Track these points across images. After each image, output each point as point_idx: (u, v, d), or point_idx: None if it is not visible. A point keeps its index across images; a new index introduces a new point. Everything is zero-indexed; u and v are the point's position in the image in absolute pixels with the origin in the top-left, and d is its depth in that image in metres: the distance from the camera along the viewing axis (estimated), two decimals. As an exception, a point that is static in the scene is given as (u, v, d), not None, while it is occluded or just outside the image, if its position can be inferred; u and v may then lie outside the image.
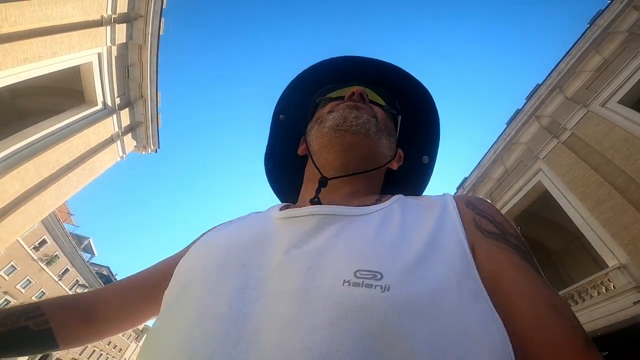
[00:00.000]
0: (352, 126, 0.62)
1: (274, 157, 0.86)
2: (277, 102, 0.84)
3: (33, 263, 25.72)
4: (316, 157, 0.67)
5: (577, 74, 11.35)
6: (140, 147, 14.59)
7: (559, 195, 11.53)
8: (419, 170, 0.83)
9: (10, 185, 9.43)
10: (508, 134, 13.33)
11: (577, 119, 10.99)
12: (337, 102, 0.71)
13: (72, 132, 11.09)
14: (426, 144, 0.82)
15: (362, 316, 0.33)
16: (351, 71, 0.81)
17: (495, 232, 0.47)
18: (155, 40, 12.17)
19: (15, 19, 7.99)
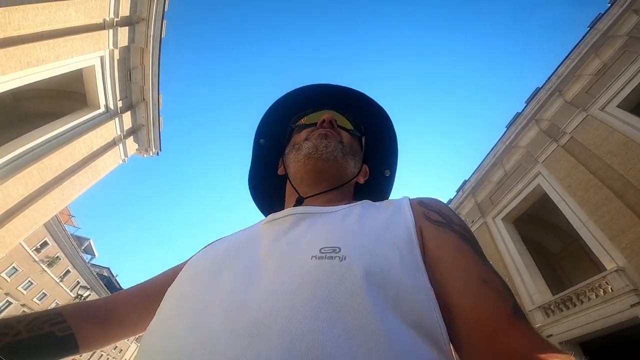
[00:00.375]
0: (322, 154, 0.73)
1: (257, 177, 0.97)
2: (257, 128, 0.95)
3: (35, 265, 25.79)
4: (293, 178, 0.79)
5: (576, 77, 11.48)
6: (142, 150, 14.65)
7: (557, 198, 11.64)
8: (382, 182, 0.96)
9: (14, 189, 9.48)
10: (508, 137, 13.45)
11: (577, 123, 11.11)
12: (311, 128, 0.82)
13: (74, 136, 11.13)
14: (387, 160, 0.95)
15: (327, 279, 0.42)
16: (322, 98, 0.93)
17: (441, 221, 0.55)
18: (157, 43, 12.23)
19: (18, 22, 8.06)
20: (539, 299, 11.09)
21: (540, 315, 10.83)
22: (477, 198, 15.33)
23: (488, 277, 0.45)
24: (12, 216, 9.73)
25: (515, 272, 12.23)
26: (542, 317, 10.75)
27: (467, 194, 15.68)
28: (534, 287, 11.46)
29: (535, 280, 11.66)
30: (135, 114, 13.54)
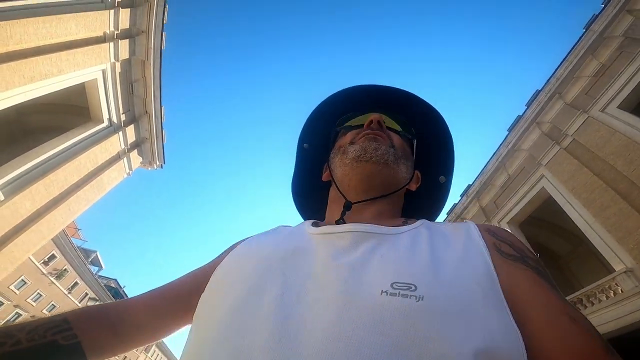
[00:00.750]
0: (372, 157, 0.68)
1: (300, 182, 0.93)
2: (301, 131, 0.92)
3: (43, 277, 26.36)
4: (340, 183, 0.73)
5: (575, 79, 11.55)
6: (146, 163, 14.83)
7: (563, 201, 11.65)
8: (436, 190, 0.89)
9: (21, 205, 9.64)
10: (510, 140, 13.51)
11: (578, 124, 11.16)
12: (357, 130, 0.78)
13: (79, 151, 11.32)
14: (442, 165, 0.88)
15: (399, 321, 0.37)
16: (367, 99, 0.88)
17: (515, 255, 0.51)
18: (157, 55, 12.46)
19: (20, 36, 8.21)
20: None
21: None
22: (481, 202, 15.35)
23: (575, 316, 0.41)
24: (20, 231, 9.88)
25: None
26: None
27: (472, 198, 15.70)
28: None
29: None
30: (139, 127, 13.74)
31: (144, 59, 12.22)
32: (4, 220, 9.24)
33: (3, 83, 8.11)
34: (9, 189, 9.31)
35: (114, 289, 43.63)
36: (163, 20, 11.98)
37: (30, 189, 9.77)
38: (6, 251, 9.46)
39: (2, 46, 7.90)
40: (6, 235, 9.48)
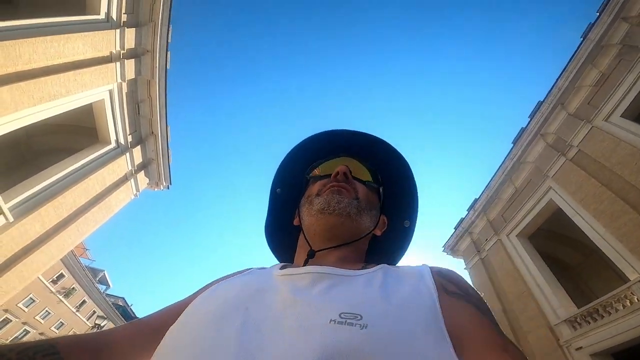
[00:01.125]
0: (334, 210, 0.73)
1: (273, 226, 0.97)
2: (274, 176, 0.97)
3: (51, 295, 26.95)
4: (307, 231, 0.78)
5: (576, 89, 11.68)
6: (153, 184, 15.01)
7: (572, 212, 11.64)
8: (401, 233, 0.93)
9: (31, 227, 9.77)
10: (515, 153, 13.59)
11: (582, 135, 11.25)
12: (325, 180, 0.82)
13: (87, 173, 11.49)
14: (407, 210, 0.93)
15: (344, 347, 0.41)
16: (337, 146, 0.94)
17: (459, 293, 0.56)
18: (162, 75, 12.75)
19: (29, 56, 8.40)
20: (563, 313, 10.96)
21: (566, 329, 10.69)
22: (489, 216, 15.32)
23: (508, 347, 0.46)
24: (29, 252, 9.97)
25: (536, 288, 12.16)
26: (569, 331, 10.61)
27: (479, 212, 15.70)
28: (557, 302, 11.34)
29: (557, 294, 11.57)
30: (145, 147, 13.96)
31: (150, 79, 12.52)
32: (13, 241, 9.35)
33: (12, 104, 8.30)
34: (18, 211, 9.44)
35: (122, 307, 43.76)
36: (167, 39, 12.33)
37: (39, 211, 9.89)
38: (15, 271, 9.54)
39: (12, 66, 8.10)
40: (16, 255, 9.58)
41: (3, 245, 9.06)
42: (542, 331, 11.37)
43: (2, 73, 8.00)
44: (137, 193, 14.13)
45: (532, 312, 11.97)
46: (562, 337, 10.72)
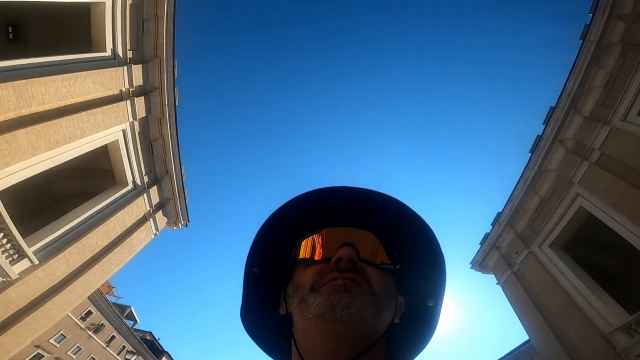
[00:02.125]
0: (342, 316, 0.53)
1: (252, 316, 0.75)
2: (249, 253, 0.75)
3: (81, 332, 28.97)
4: (300, 339, 0.59)
5: (587, 92, 11.58)
6: (171, 222, 15.62)
7: (606, 218, 11.30)
8: (424, 315, 0.72)
9: (56, 268, 10.47)
10: (534, 162, 13.38)
11: (602, 137, 11.02)
12: (321, 267, 0.62)
13: (108, 215, 12.18)
14: (430, 286, 0.71)
15: None
16: (333, 210, 0.73)
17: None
18: (172, 112, 13.47)
19: (42, 96, 8.99)
20: (615, 320, 10.62)
21: (622, 336, 10.32)
22: (516, 228, 14.95)
23: None
24: (57, 291, 10.64)
25: (580, 298, 11.80)
26: (624, 338, 10.18)
27: (504, 226, 15.34)
28: (606, 309, 10.99)
29: (604, 301, 11.23)
30: (161, 187, 14.62)
31: (160, 116, 13.22)
32: (40, 282, 10.09)
33: (30, 149, 8.91)
34: (43, 254, 10.17)
35: (150, 341, 44.73)
36: (174, 74, 13.03)
37: (64, 253, 10.60)
38: (44, 309, 10.21)
39: (26, 107, 8.69)
40: (43, 295, 10.30)
41: (30, 286, 9.78)
42: (596, 341, 10.95)
43: (17, 115, 8.57)
44: (156, 232, 14.67)
45: (580, 323, 11.60)
46: (618, 345, 10.28)
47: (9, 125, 8.46)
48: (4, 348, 9.43)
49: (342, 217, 0.73)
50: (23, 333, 9.83)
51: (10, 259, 9.12)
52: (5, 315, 9.23)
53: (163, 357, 47.96)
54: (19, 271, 9.32)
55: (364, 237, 0.68)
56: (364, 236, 0.68)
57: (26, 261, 9.51)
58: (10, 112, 8.38)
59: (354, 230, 0.69)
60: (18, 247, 9.22)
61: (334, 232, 0.70)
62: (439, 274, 0.71)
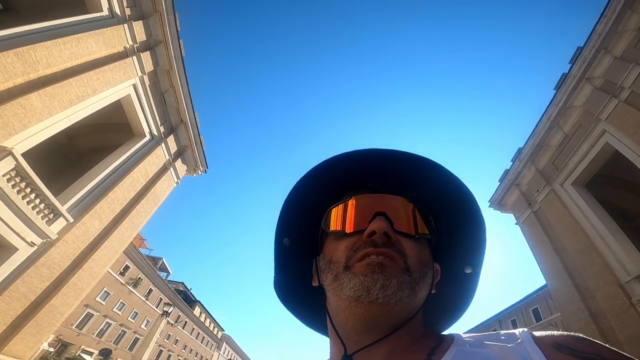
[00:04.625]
0: (377, 298, 0.52)
1: (286, 286, 0.78)
2: (277, 223, 0.75)
3: (122, 287, 31.23)
4: (334, 315, 0.61)
5: (619, 34, 10.98)
6: (191, 170, 16.44)
7: (633, 155, 11.15)
8: (461, 283, 0.72)
9: (91, 225, 11.42)
10: (559, 99, 13.01)
11: (634, 76, 10.58)
12: (353, 240, 0.61)
13: (130, 167, 12.97)
14: (469, 253, 0.70)
15: None
16: (364, 175, 0.72)
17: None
18: (180, 63, 13.63)
19: (47, 60, 9.25)
20: (633, 268, 10.47)
21: (639, 286, 10.23)
22: (537, 165, 14.91)
23: None
24: (95, 248, 11.76)
25: (600, 241, 11.73)
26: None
27: (525, 162, 15.31)
28: (626, 256, 10.83)
29: (625, 247, 11.06)
30: (178, 136, 15.16)
31: (169, 69, 13.42)
32: (79, 240, 11.07)
33: (46, 110, 9.37)
34: (76, 211, 11.07)
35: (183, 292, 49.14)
36: (177, 27, 13.00)
37: (95, 208, 11.48)
38: (86, 267, 11.40)
39: (33, 72, 9.00)
40: (83, 253, 11.36)
41: (69, 245, 10.72)
42: (611, 289, 10.93)
43: (25, 80, 8.92)
44: (178, 180, 15.55)
45: (597, 269, 11.48)
46: (634, 295, 10.26)
47: (20, 90, 8.77)
48: (57, 311, 10.59)
49: (374, 181, 0.71)
50: (71, 294, 10.99)
51: (47, 219, 9.95)
52: (52, 278, 10.27)
53: (196, 306, 52.36)
54: (57, 230, 10.21)
55: (397, 204, 0.65)
56: (397, 203, 0.65)
57: (62, 220, 10.39)
58: (18, 77, 8.64)
59: (387, 196, 0.66)
60: (52, 206, 9.99)
61: (365, 199, 0.66)
62: (478, 241, 0.69)
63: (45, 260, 9.93)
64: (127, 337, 32.56)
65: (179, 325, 42.75)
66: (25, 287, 9.57)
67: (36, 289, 9.89)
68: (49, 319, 10.40)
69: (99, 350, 28.12)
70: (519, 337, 0.50)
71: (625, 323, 10.11)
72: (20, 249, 9.38)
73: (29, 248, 9.62)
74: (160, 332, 32.60)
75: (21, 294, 9.50)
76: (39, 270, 9.83)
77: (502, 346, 0.49)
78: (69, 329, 25.68)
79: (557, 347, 0.45)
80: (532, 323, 28.22)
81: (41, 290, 10.01)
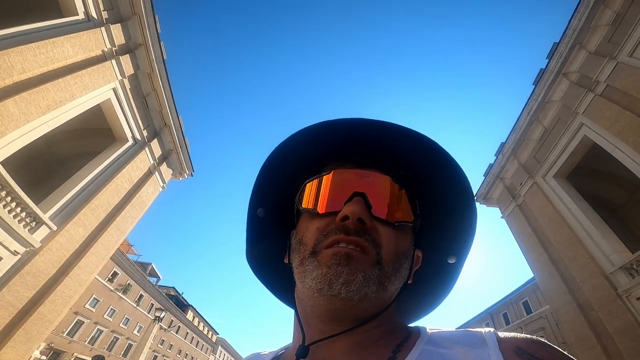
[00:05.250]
0: (340, 293, 0.48)
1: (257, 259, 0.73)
2: (252, 192, 0.69)
3: (112, 294, 30.79)
4: (300, 300, 0.58)
5: (592, 29, 11.32)
6: (177, 174, 16.37)
7: (610, 147, 11.41)
8: (442, 273, 0.67)
9: (75, 232, 11.34)
10: (538, 93, 13.38)
11: (609, 71, 10.92)
12: (325, 222, 0.56)
13: (114, 172, 12.86)
14: (455, 242, 0.64)
15: None
16: (349, 145, 0.64)
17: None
18: (161, 66, 13.46)
19: (21, 65, 9.10)
20: (617, 259, 10.68)
21: (623, 277, 10.38)
22: (520, 159, 15.22)
23: None
24: (80, 255, 11.66)
25: (584, 233, 11.90)
26: (626, 279, 10.26)
27: (508, 156, 15.64)
28: (609, 247, 11.00)
29: (608, 238, 11.24)
30: (162, 139, 15.07)
31: (150, 71, 13.25)
32: (63, 248, 11.01)
33: (22, 116, 9.24)
34: (59, 219, 10.99)
35: (174, 296, 48.63)
36: (157, 29, 12.82)
37: (78, 215, 11.39)
38: (72, 275, 11.33)
39: (8, 77, 8.85)
40: (68, 261, 11.29)
41: (54, 253, 10.65)
42: (597, 281, 11.07)
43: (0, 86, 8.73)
44: (164, 185, 15.48)
45: (582, 260, 11.65)
46: (620, 286, 10.37)
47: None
48: (45, 319, 10.54)
49: (359, 154, 0.64)
50: (59, 301, 10.93)
51: (29, 227, 9.90)
52: (38, 286, 10.22)
53: (189, 310, 51.84)
54: (40, 239, 10.16)
55: (381, 183, 0.58)
56: (381, 182, 0.58)
57: (45, 228, 10.34)
58: (-8, 84, 8.52)
59: (370, 173, 0.59)
60: (34, 214, 9.93)
61: (344, 174, 0.60)
62: (467, 229, 0.62)
63: (30, 269, 9.89)
64: (120, 344, 32.36)
65: (172, 330, 42.47)
66: (12, 295, 9.52)
67: (23, 298, 9.84)
68: (38, 327, 10.36)
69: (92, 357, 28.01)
70: (485, 339, 0.48)
71: (613, 314, 10.26)
72: (4, 257, 9.33)
73: (13, 257, 9.56)
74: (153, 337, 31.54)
75: (8, 302, 9.46)
76: (24, 278, 9.77)
77: (466, 350, 0.46)
78: (60, 336, 25.39)
79: (518, 351, 0.44)
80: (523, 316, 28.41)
81: (28, 299, 9.97)
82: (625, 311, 9.90)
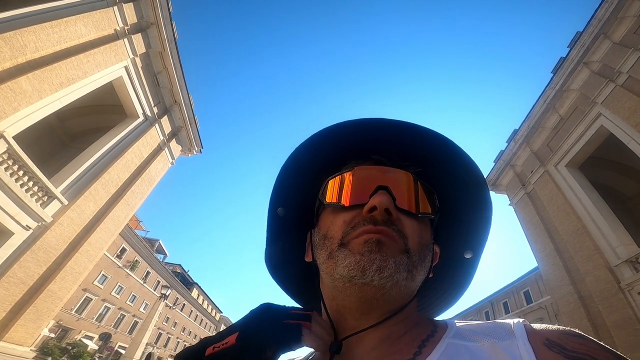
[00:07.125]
0: (373, 280, 0.49)
1: (277, 262, 0.75)
2: (272, 191, 0.70)
3: (120, 270, 30.80)
4: (327, 295, 0.59)
5: (619, 20, 11.10)
6: (186, 150, 16.40)
7: (627, 138, 11.30)
8: (459, 268, 0.69)
9: (85, 207, 11.44)
10: (556, 82, 13.19)
11: (632, 62, 10.74)
12: (351, 215, 0.56)
13: (124, 147, 12.93)
14: (471, 237, 0.66)
15: None
16: (367, 145, 0.67)
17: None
18: (173, 45, 13.44)
19: (34, 44, 9.21)
20: (623, 252, 10.56)
21: (628, 270, 10.27)
22: (532, 146, 15.11)
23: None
24: (90, 230, 11.80)
25: (592, 224, 11.83)
26: (630, 273, 10.17)
27: (520, 143, 15.53)
28: (616, 239, 10.94)
29: (616, 230, 11.18)
30: (172, 117, 15.08)
31: (161, 50, 13.22)
32: (74, 223, 11.13)
33: (35, 93, 9.34)
34: (70, 193, 11.08)
35: (180, 274, 49.17)
36: (169, 9, 12.75)
37: (89, 190, 11.49)
38: (82, 251, 11.47)
39: (21, 55, 8.95)
40: (79, 236, 11.42)
41: (65, 228, 10.76)
42: (600, 273, 11.00)
43: (14, 64, 8.86)
44: (173, 161, 15.56)
45: (588, 252, 11.59)
46: (623, 279, 10.28)
47: (9, 74, 8.74)
48: (55, 295, 10.71)
49: (378, 153, 0.65)
50: (69, 277, 11.09)
51: (41, 202, 10.00)
52: (49, 261, 10.36)
53: (194, 288, 52.28)
54: (51, 213, 10.26)
55: (402, 179, 0.60)
56: (402, 178, 0.60)
57: (56, 202, 10.43)
58: (6, 62, 8.60)
59: (390, 169, 0.61)
60: (46, 189, 10.02)
61: (367, 171, 0.61)
62: (483, 225, 0.64)
63: (41, 244, 10.00)
64: (127, 321, 32.62)
65: (177, 307, 42.89)
66: (23, 272, 9.66)
67: (33, 274, 9.98)
68: (48, 304, 10.53)
69: (99, 335, 28.35)
70: (514, 331, 0.46)
71: (612, 307, 10.29)
72: (16, 233, 9.42)
73: (25, 232, 9.66)
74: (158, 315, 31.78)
75: (19, 279, 9.60)
76: (35, 254, 9.90)
77: (494, 342, 0.45)
78: (69, 313, 25.55)
79: (548, 344, 0.42)
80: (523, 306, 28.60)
81: (39, 275, 10.11)
82: (625, 305, 9.92)
